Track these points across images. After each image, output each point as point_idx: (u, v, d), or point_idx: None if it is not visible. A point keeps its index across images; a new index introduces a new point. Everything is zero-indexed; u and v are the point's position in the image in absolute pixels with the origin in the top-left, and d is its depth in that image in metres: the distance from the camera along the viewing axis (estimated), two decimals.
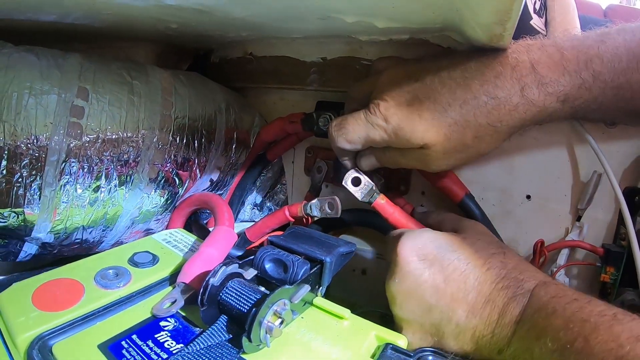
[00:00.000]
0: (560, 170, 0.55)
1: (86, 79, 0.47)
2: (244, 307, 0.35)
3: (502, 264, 0.43)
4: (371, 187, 0.50)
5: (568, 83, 0.42)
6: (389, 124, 0.45)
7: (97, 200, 0.48)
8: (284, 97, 0.70)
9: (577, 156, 0.54)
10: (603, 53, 0.41)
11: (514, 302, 0.40)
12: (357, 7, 0.43)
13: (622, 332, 0.32)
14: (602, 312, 0.34)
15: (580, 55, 0.42)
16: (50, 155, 0.44)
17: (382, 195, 0.50)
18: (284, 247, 0.44)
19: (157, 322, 0.38)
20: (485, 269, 0.42)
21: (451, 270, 0.43)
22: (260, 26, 0.55)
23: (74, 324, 0.37)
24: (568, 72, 0.42)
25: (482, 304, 0.41)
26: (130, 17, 0.50)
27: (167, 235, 0.52)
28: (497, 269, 0.42)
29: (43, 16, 0.49)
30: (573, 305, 0.36)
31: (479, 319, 0.41)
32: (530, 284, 0.40)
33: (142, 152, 0.49)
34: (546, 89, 0.42)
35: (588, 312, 0.35)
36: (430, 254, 0.44)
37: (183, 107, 0.54)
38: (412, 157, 0.48)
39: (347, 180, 0.50)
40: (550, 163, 0.55)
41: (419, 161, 0.48)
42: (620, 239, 0.51)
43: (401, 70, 0.48)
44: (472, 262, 0.43)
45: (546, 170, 0.55)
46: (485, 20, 0.36)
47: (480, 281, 0.42)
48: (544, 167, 0.55)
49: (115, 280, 0.42)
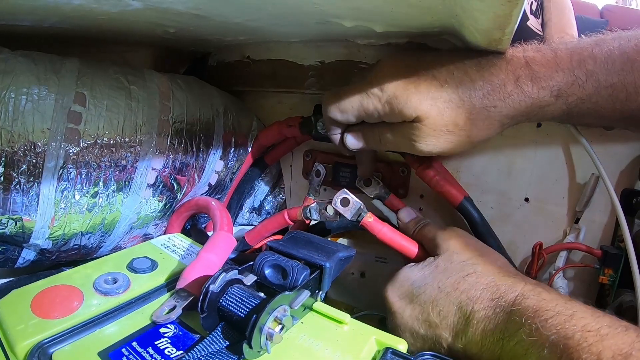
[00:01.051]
0: (558, 173, 0.55)
1: (83, 84, 0.47)
2: (244, 313, 0.35)
3: (474, 284, 0.43)
4: (359, 206, 0.50)
5: (561, 79, 0.43)
6: (384, 93, 0.46)
7: (95, 206, 0.48)
8: (282, 100, 0.70)
9: (574, 159, 0.54)
10: (597, 54, 0.42)
11: (488, 320, 0.40)
12: (355, 12, 0.43)
13: (606, 349, 0.32)
14: (586, 327, 0.34)
15: (574, 55, 0.43)
16: (47, 162, 0.44)
17: (369, 214, 0.51)
18: (283, 253, 0.44)
19: (157, 329, 0.38)
20: (460, 293, 0.43)
21: (426, 301, 0.45)
22: (258, 30, 0.55)
23: (73, 331, 0.36)
24: (561, 69, 0.43)
25: (462, 325, 0.42)
26: (127, 22, 0.50)
27: (165, 240, 0.52)
28: (469, 291, 0.43)
29: (40, 21, 0.49)
30: (555, 320, 0.35)
31: (465, 340, 0.41)
32: (508, 298, 0.40)
33: (140, 157, 0.49)
34: (540, 83, 0.43)
35: (571, 327, 0.34)
36: (407, 292, 0.47)
37: (181, 111, 0.54)
38: (401, 133, 0.48)
39: (336, 201, 0.50)
40: (548, 166, 0.55)
41: (408, 139, 0.47)
42: (618, 240, 0.51)
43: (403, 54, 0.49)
44: (444, 289, 0.44)
45: (544, 173, 0.56)
46: (484, 25, 0.36)
47: (456, 305, 0.43)
48: (542, 170, 0.56)
49: (114, 286, 0.42)
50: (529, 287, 0.40)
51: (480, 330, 0.40)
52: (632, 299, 0.49)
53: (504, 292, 0.41)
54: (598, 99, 0.43)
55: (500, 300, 0.40)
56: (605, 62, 0.42)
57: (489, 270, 0.44)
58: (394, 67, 0.47)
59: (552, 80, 0.43)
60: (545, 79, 0.43)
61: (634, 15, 0.72)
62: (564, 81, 0.43)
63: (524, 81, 0.43)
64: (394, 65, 0.47)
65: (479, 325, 0.40)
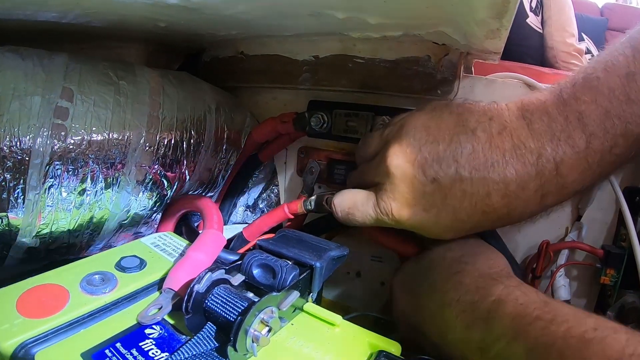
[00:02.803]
0: None
1: (71, 79, 0.46)
2: (230, 315, 0.34)
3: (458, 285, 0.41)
4: None
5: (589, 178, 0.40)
6: (401, 225, 0.44)
7: (83, 204, 0.47)
8: (276, 96, 0.69)
9: None
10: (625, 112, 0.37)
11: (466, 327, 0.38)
12: (348, 2, 0.42)
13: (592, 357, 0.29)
14: (569, 333, 0.31)
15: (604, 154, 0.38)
16: (33, 158, 0.43)
17: None
18: (272, 252, 0.43)
19: (142, 330, 0.37)
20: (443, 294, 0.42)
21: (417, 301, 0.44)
22: (251, 24, 0.54)
23: (57, 331, 0.35)
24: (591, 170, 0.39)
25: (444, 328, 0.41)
26: (118, 16, 0.49)
27: (155, 239, 0.51)
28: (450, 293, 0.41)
29: (30, 16, 0.48)
30: (536, 326, 0.33)
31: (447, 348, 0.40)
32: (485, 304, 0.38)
33: (128, 154, 0.48)
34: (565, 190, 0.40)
35: (553, 334, 0.32)
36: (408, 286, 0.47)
37: (171, 107, 0.53)
38: None
39: None
40: None
41: None
42: (620, 240, 0.50)
43: (416, 147, 0.43)
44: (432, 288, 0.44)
45: None
46: (481, 14, 0.35)
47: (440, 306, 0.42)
48: None
49: (101, 285, 0.41)
50: (506, 290, 0.38)
51: (459, 339, 0.39)
52: (634, 299, 0.48)
53: (482, 297, 0.38)
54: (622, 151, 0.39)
55: (479, 305, 0.38)
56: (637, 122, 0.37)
57: (474, 271, 0.42)
58: (407, 190, 0.42)
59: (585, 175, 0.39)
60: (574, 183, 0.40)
61: (634, 14, 0.71)
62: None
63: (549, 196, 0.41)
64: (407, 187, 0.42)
65: (456, 334, 0.39)
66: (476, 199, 0.40)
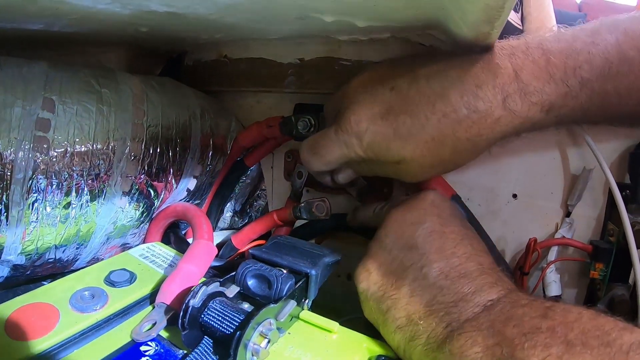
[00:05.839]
0: (546, 167, 0.54)
1: (52, 89, 0.44)
2: (227, 329, 0.33)
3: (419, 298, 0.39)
4: None
5: (553, 91, 0.40)
6: (362, 141, 0.44)
7: (69, 218, 0.46)
8: (261, 100, 0.68)
9: (563, 153, 0.53)
10: (593, 57, 0.39)
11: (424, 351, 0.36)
12: (337, 6, 0.41)
13: None
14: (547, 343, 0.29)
15: (569, 61, 0.39)
16: (16, 173, 0.41)
17: None
18: (266, 261, 0.42)
19: (137, 347, 0.36)
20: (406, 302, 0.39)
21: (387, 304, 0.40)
22: (235, 27, 0.53)
23: (49, 353, 0.35)
24: (554, 80, 0.39)
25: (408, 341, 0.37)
26: (97, 21, 0.48)
27: (144, 250, 0.50)
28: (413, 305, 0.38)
29: (5, 23, 0.46)
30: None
31: None
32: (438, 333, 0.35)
33: (113, 165, 0.47)
34: (530, 98, 0.40)
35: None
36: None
37: (155, 114, 0.52)
38: (388, 169, 0.46)
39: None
40: (536, 161, 0.54)
41: (396, 174, 0.47)
42: (608, 235, 0.51)
43: (374, 74, 0.46)
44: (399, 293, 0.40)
45: (532, 168, 0.55)
46: (473, 18, 0.34)
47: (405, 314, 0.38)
48: (529, 165, 0.55)
49: (91, 302, 0.40)
50: (464, 315, 0.35)
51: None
52: (624, 292, 0.49)
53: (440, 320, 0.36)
54: (589, 105, 0.41)
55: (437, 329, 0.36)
56: (602, 67, 0.39)
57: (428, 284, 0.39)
58: (365, 102, 0.44)
59: (544, 94, 0.39)
60: (536, 93, 0.39)
61: (612, 9, 0.72)
62: (556, 93, 0.39)
63: (513, 99, 0.40)
64: (365, 100, 0.44)
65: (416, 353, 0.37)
66: (434, 98, 0.41)
